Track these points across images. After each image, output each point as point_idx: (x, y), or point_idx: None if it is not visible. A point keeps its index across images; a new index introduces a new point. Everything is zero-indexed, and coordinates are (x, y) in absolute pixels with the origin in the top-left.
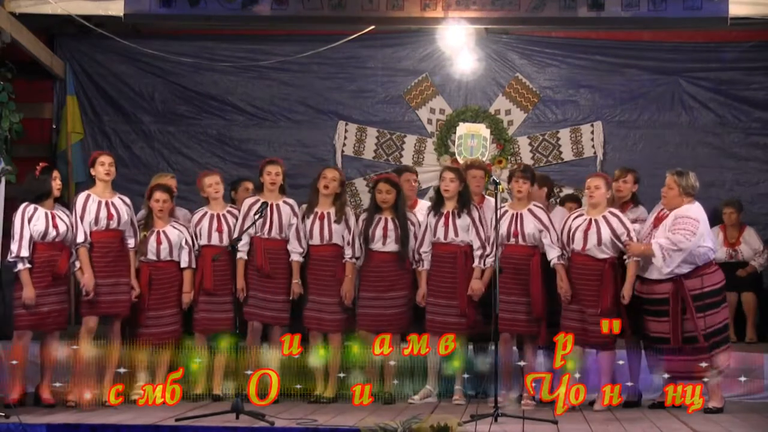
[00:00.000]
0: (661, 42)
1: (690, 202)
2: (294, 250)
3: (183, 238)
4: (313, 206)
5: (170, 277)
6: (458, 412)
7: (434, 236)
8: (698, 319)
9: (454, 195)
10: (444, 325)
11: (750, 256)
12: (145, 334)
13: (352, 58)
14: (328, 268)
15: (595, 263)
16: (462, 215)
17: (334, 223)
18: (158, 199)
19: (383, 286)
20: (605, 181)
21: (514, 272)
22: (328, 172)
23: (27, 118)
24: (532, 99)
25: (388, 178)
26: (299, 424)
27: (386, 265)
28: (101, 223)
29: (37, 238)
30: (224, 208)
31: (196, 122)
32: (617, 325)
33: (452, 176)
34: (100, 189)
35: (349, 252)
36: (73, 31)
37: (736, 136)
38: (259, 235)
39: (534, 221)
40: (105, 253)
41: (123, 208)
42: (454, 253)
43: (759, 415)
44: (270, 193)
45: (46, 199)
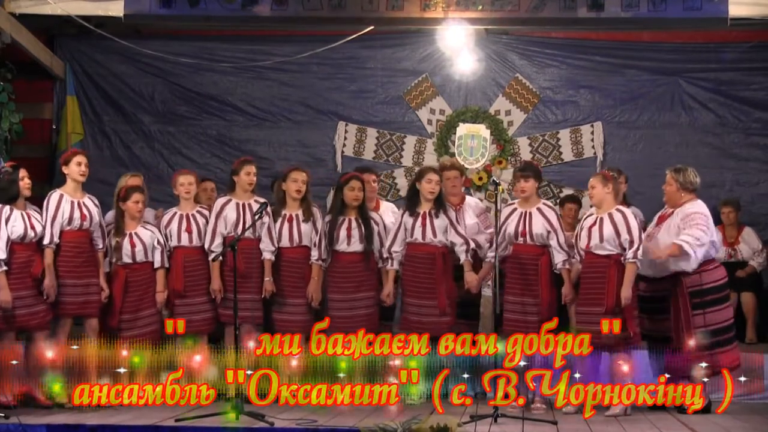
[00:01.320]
0: (661, 42)
1: (692, 199)
2: (266, 248)
3: (155, 238)
4: (280, 209)
5: (146, 278)
6: (458, 413)
7: (411, 236)
8: (697, 317)
9: (435, 197)
10: (420, 325)
11: (749, 256)
12: (125, 336)
13: (352, 58)
14: (297, 270)
15: (600, 261)
16: (439, 216)
17: (302, 222)
18: (137, 200)
19: (351, 287)
20: (601, 178)
21: (521, 272)
22: (297, 174)
23: (27, 119)
24: (532, 99)
25: (359, 176)
26: (299, 425)
27: (352, 266)
28: (75, 223)
29: (15, 240)
30: (194, 209)
31: (196, 122)
32: (617, 325)
33: (438, 178)
34: (72, 189)
35: (316, 254)
36: (73, 32)
37: (736, 136)
38: (232, 235)
39: (543, 221)
40: (78, 253)
41: (94, 209)
42: (432, 253)
43: (759, 415)
44: (243, 193)
45: (15, 201)
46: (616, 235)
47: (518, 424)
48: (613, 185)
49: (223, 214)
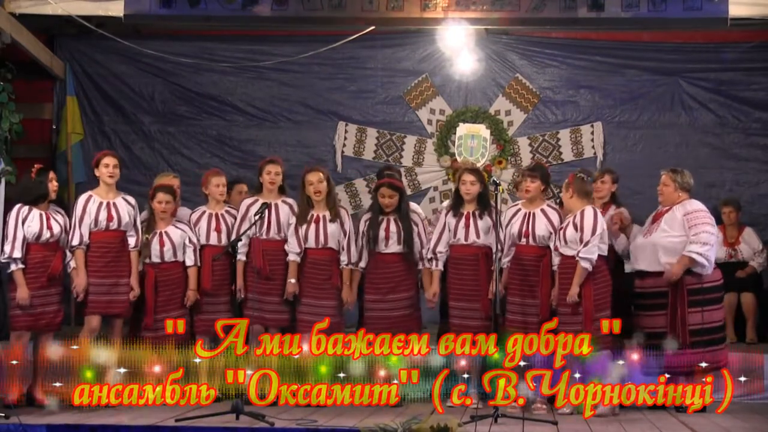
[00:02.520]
0: (661, 42)
1: (688, 198)
2: (291, 249)
3: (186, 237)
4: (306, 213)
5: (175, 278)
6: (458, 413)
7: (454, 237)
8: (695, 314)
9: (474, 197)
10: (469, 329)
11: (749, 256)
12: (154, 336)
13: (352, 58)
14: (323, 271)
15: (568, 261)
16: (483, 217)
17: (329, 222)
18: (161, 200)
19: (387, 288)
20: (564, 184)
21: (523, 273)
22: (312, 176)
23: (27, 119)
24: (532, 99)
25: (390, 183)
26: (299, 425)
27: (391, 267)
28: (101, 224)
29: (31, 240)
30: (222, 208)
31: (196, 123)
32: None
33: (473, 179)
34: (103, 190)
35: (345, 258)
36: (73, 32)
37: (736, 136)
38: (258, 235)
39: (546, 222)
40: (104, 253)
41: (125, 209)
42: (476, 254)
43: (759, 415)
44: (269, 193)
45: (42, 201)
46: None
47: (518, 424)
48: (575, 188)
49: (249, 214)
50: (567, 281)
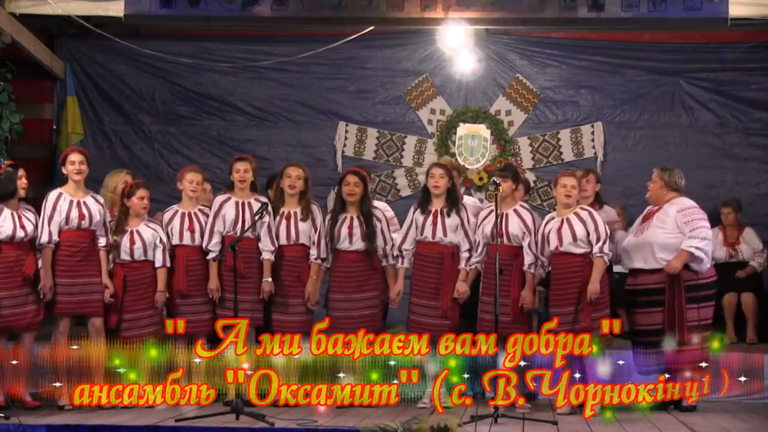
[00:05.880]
0: (661, 42)
1: (677, 197)
2: (265, 248)
3: (157, 237)
4: (278, 207)
5: (145, 278)
6: (459, 413)
7: (421, 234)
8: (692, 310)
9: (443, 192)
10: (425, 327)
11: (750, 256)
12: (124, 336)
13: (352, 58)
14: (294, 268)
15: (574, 260)
16: (451, 215)
17: (300, 221)
18: (142, 196)
19: (352, 287)
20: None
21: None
22: (291, 170)
23: (27, 119)
24: (532, 99)
25: (356, 171)
26: (299, 425)
27: (354, 265)
28: (72, 222)
29: (3, 240)
30: (196, 207)
31: (196, 123)
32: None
33: (441, 172)
34: (72, 188)
35: (314, 252)
36: (73, 32)
37: (736, 136)
38: (231, 234)
39: (518, 222)
40: (74, 252)
41: (95, 208)
42: (441, 253)
43: (759, 415)
44: (240, 191)
45: (10, 199)
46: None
47: (518, 424)
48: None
49: (221, 212)
50: (567, 281)
